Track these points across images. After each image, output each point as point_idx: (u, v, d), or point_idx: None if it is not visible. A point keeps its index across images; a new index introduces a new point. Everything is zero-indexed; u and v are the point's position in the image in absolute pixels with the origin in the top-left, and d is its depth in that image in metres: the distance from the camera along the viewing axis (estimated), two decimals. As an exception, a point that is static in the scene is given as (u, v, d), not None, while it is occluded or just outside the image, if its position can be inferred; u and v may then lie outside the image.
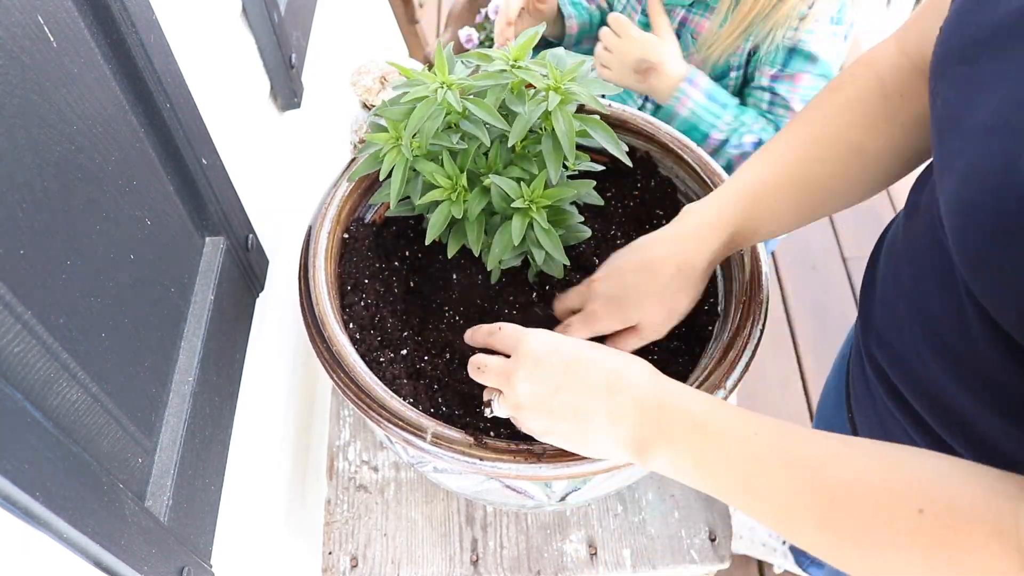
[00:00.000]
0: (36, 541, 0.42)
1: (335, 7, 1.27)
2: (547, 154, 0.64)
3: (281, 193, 0.93)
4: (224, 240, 0.69)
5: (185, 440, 0.58)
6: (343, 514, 0.85)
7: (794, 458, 0.45)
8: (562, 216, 0.69)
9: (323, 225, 0.73)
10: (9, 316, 0.39)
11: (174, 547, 0.55)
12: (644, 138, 0.81)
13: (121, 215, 0.53)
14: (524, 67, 0.61)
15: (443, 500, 0.86)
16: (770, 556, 1.46)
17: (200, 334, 0.63)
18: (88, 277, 0.48)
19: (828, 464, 0.43)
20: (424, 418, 0.61)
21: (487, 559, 0.82)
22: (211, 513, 0.64)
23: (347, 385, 0.63)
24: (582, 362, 0.53)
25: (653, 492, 0.86)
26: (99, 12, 0.50)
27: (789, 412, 1.69)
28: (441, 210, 0.65)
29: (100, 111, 0.51)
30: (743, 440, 0.47)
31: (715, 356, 0.65)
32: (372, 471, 0.88)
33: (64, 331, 0.45)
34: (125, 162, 0.54)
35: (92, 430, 0.47)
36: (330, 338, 0.65)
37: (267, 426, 0.84)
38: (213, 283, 0.66)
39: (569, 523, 0.84)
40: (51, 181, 0.44)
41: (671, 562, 0.81)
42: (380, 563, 0.82)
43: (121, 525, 0.48)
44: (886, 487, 0.41)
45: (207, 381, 0.63)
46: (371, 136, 0.65)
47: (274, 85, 0.92)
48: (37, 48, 0.43)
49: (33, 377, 0.41)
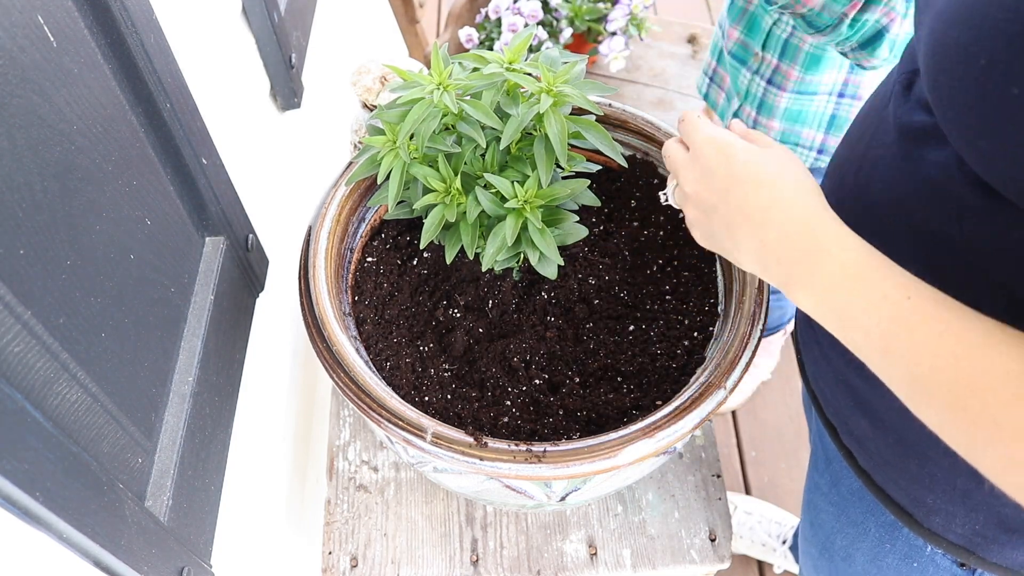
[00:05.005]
0: (36, 541, 0.42)
1: (335, 7, 1.27)
2: (539, 156, 0.64)
3: (281, 193, 0.93)
4: (224, 240, 0.69)
5: (185, 440, 0.58)
6: (343, 514, 0.85)
7: (942, 332, 0.42)
8: (558, 216, 0.69)
9: (323, 225, 0.73)
10: (9, 316, 0.39)
11: (174, 547, 0.55)
12: (644, 138, 0.81)
13: (121, 215, 0.53)
14: (518, 70, 0.62)
15: (443, 500, 0.86)
16: (770, 556, 1.46)
17: (200, 334, 0.63)
18: (88, 277, 0.48)
19: (977, 347, 0.41)
20: (424, 418, 0.61)
21: (487, 559, 0.82)
22: (211, 513, 0.64)
23: (347, 385, 0.63)
24: (745, 181, 0.52)
25: (653, 492, 0.86)
26: (99, 12, 0.50)
27: (789, 411, 1.70)
28: (435, 214, 0.66)
29: (100, 111, 0.51)
30: (893, 302, 0.44)
31: (715, 356, 0.65)
32: (372, 471, 0.88)
33: (64, 331, 0.45)
34: (125, 162, 0.54)
35: (92, 430, 0.47)
36: (330, 338, 0.65)
37: (267, 426, 0.84)
38: (213, 283, 0.66)
39: (569, 523, 0.84)
40: (51, 181, 0.44)
41: (671, 562, 0.81)
42: (380, 563, 0.82)
43: (121, 525, 0.48)
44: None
45: (207, 381, 0.63)
46: (368, 139, 0.66)
47: (274, 85, 0.92)
48: (37, 48, 0.43)
49: (33, 377, 0.41)
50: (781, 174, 0.52)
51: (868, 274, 0.46)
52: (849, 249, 0.47)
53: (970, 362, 0.41)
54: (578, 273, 0.79)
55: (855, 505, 0.70)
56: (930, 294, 0.44)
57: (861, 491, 0.69)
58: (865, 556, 0.71)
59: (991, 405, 0.40)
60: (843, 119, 1.15)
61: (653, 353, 0.74)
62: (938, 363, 0.42)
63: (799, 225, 0.49)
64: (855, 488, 0.70)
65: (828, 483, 0.75)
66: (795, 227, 0.50)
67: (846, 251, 0.47)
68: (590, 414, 0.71)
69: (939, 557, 0.63)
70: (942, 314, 0.42)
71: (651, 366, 0.73)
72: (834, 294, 0.47)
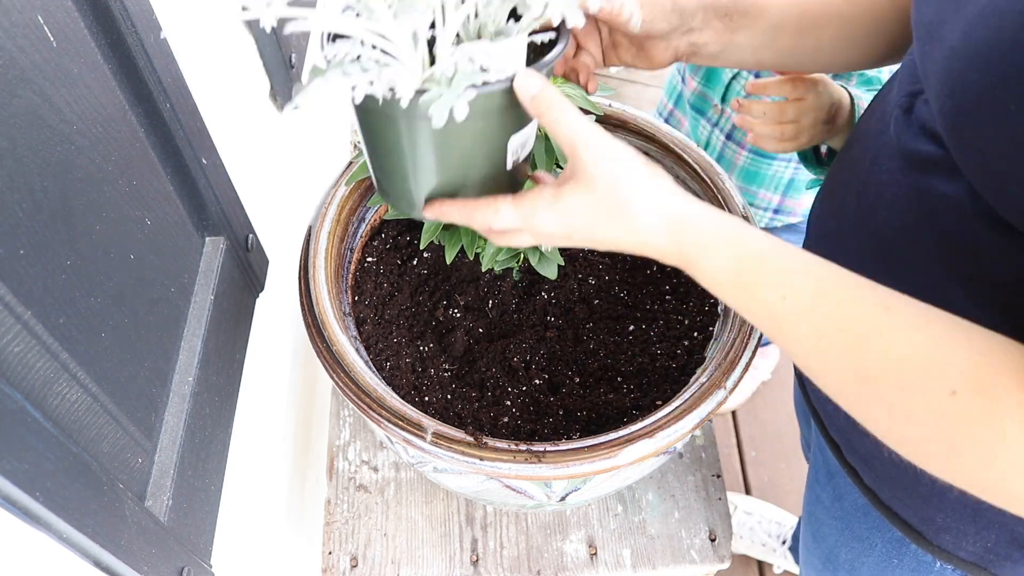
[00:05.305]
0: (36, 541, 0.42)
1: (335, 7, 1.27)
2: (539, 156, 0.64)
3: (281, 193, 0.93)
4: (224, 240, 0.69)
5: (185, 440, 0.58)
6: (343, 514, 0.85)
7: (834, 323, 0.43)
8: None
9: (323, 225, 0.73)
10: (9, 316, 0.39)
11: (174, 547, 0.55)
12: (644, 138, 0.81)
13: (121, 215, 0.53)
14: None
15: (443, 500, 0.86)
16: (770, 556, 1.46)
17: (200, 334, 0.63)
18: (88, 277, 0.48)
19: (868, 335, 0.41)
20: (424, 418, 0.61)
21: (487, 559, 0.82)
22: (211, 513, 0.64)
23: (347, 385, 0.63)
24: (602, 242, 0.49)
25: (653, 492, 0.86)
26: (99, 12, 0.50)
27: (789, 411, 1.69)
28: None
29: (100, 111, 0.50)
30: (770, 303, 0.44)
31: (715, 356, 0.65)
32: (372, 471, 0.88)
33: (64, 331, 0.45)
34: (125, 162, 0.54)
35: (92, 430, 0.47)
36: (330, 338, 0.65)
37: (267, 426, 0.84)
38: (213, 283, 0.66)
39: (569, 523, 0.84)
40: (51, 181, 0.44)
41: (671, 562, 0.81)
42: (380, 563, 0.82)
43: (121, 525, 0.48)
44: (924, 366, 0.40)
45: (207, 381, 0.63)
46: None
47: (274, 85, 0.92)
48: (37, 48, 0.43)
49: (33, 377, 0.41)
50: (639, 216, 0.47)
51: (743, 279, 0.45)
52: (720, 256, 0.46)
53: (864, 351, 0.41)
54: (578, 273, 0.79)
55: (860, 521, 0.69)
56: (813, 285, 0.43)
57: (866, 507, 0.67)
58: (871, 570, 0.70)
59: (885, 389, 0.40)
60: (800, 182, 1.12)
61: (653, 353, 0.74)
62: (832, 352, 0.42)
63: (673, 255, 0.48)
64: (860, 504, 0.68)
65: (831, 497, 0.73)
66: (671, 254, 0.48)
67: (717, 260, 0.46)
68: (590, 414, 0.71)
69: (948, 572, 0.62)
70: (820, 308, 0.43)
71: (651, 366, 0.73)
72: (719, 293, 0.47)
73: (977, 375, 0.38)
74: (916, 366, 0.40)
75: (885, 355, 0.41)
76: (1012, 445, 0.37)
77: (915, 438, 0.41)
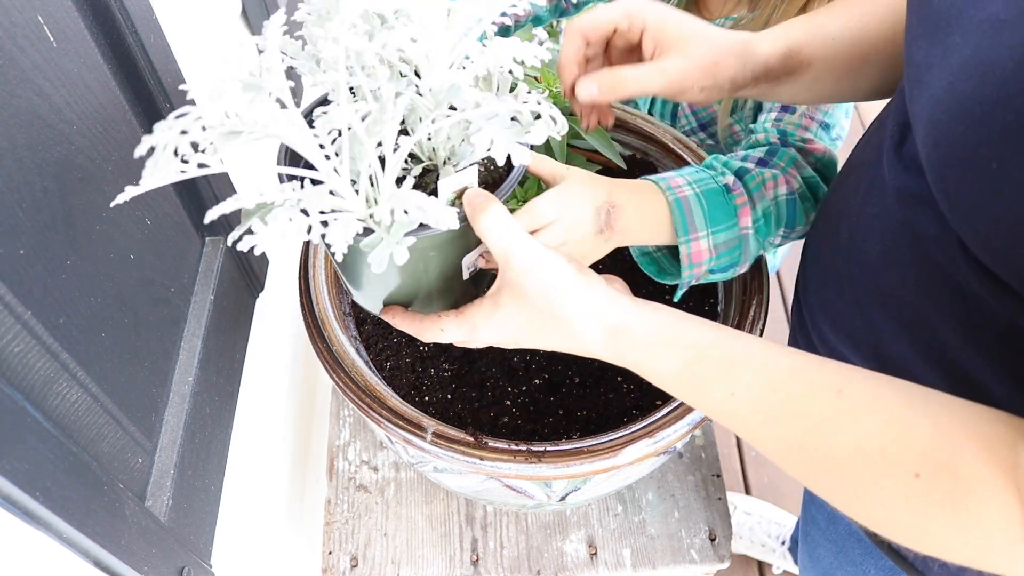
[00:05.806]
0: (36, 541, 0.42)
1: (335, 7, 1.27)
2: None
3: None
4: (224, 240, 0.69)
5: (185, 440, 0.58)
6: (343, 514, 0.85)
7: (784, 413, 0.43)
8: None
9: (323, 225, 0.73)
10: (9, 316, 0.39)
11: (174, 547, 0.55)
12: (644, 138, 0.81)
13: (121, 215, 0.53)
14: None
15: (443, 500, 0.86)
16: (769, 556, 1.46)
17: (200, 334, 0.63)
18: (88, 277, 0.48)
19: (821, 425, 0.41)
20: (424, 417, 0.61)
21: (487, 559, 0.82)
22: (211, 513, 0.64)
23: (347, 385, 0.63)
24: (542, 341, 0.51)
25: (653, 492, 0.86)
26: (99, 12, 0.50)
27: (789, 412, 1.70)
28: None
29: (100, 111, 0.51)
30: (730, 394, 0.45)
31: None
32: (372, 471, 0.88)
33: (64, 331, 0.45)
34: (125, 162, 0.54)
35: (92, 430, 0.47)
36: (330, 338, 0.65)
37: (267, 426, 0.84)
38: (213, 283, 0.66)
39: (569, 523, 0.84)
40: (51, 181, 0.44)
41: (671, 562, 0.81)
42: (380, 563, 0.82)
43: (121, 525, 0.48)
44: (882, 451, 0.39)
45: (207, 381, 0.63)
46: None
47: (274, 85, 0.92)
48: (37, 48, 0.43)
49: (33, 377, 0.41)
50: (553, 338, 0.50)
51: (688, 379, 0.47)
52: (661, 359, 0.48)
53: (821, 442, 0.42)
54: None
55: (854, 546, 0.69)
56: (757, 381, 0.44)
57: (860, 534, 0.67)
58: None
59: (846, 476, 0.41)
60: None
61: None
62: (789, 446, 0.43)
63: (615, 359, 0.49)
64: (853, 530, 0.68)
65: (825, 520, 0.73)
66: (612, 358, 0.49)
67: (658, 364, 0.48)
68: (590, 414, 0.71)
69: None
70: (769, 399, 0.44)
71: (651, 366, 0.73)
72: (668, 391, 0.49)
73: (937, 454, 0.38)
74: (874, 451, 0.40)
75: (841, 444, 0.41)
76: (983, 521, 0.37)
77: (883, 520, 0.41)
